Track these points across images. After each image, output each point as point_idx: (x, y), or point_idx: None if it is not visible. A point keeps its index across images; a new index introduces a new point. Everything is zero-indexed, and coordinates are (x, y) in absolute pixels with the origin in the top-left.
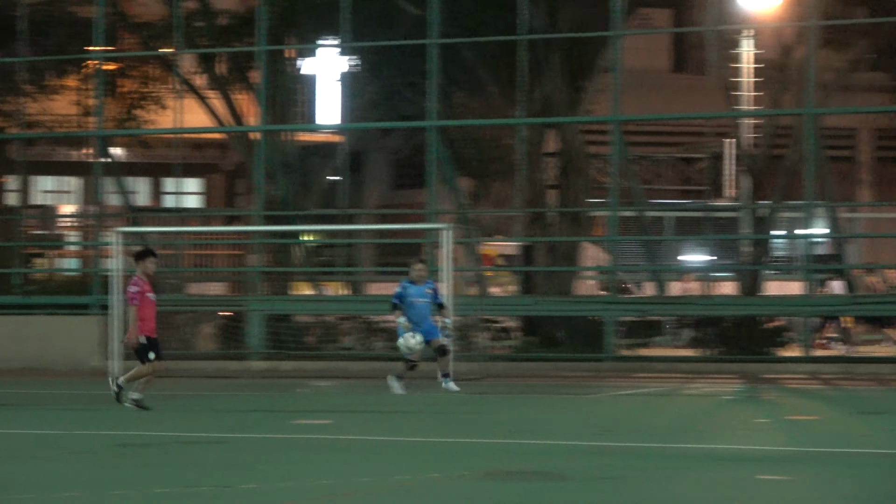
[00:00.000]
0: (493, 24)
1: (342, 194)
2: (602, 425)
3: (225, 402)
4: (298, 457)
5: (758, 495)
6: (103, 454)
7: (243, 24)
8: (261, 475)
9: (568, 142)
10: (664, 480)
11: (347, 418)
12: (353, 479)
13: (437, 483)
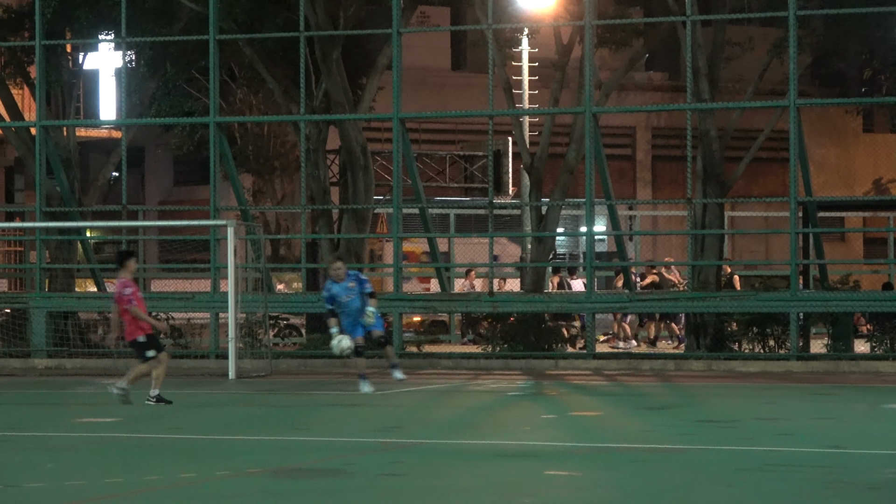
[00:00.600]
0: (272, 20)
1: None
2: (388, 422)
3: (7, 400)
4: (86, 455)
5: (547, 490)
6: None
7: (20, 17)
8: (48, 474)
9: (349, 139)
10: (450, 476)
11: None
12: (141, 476)
13: (225, 481)
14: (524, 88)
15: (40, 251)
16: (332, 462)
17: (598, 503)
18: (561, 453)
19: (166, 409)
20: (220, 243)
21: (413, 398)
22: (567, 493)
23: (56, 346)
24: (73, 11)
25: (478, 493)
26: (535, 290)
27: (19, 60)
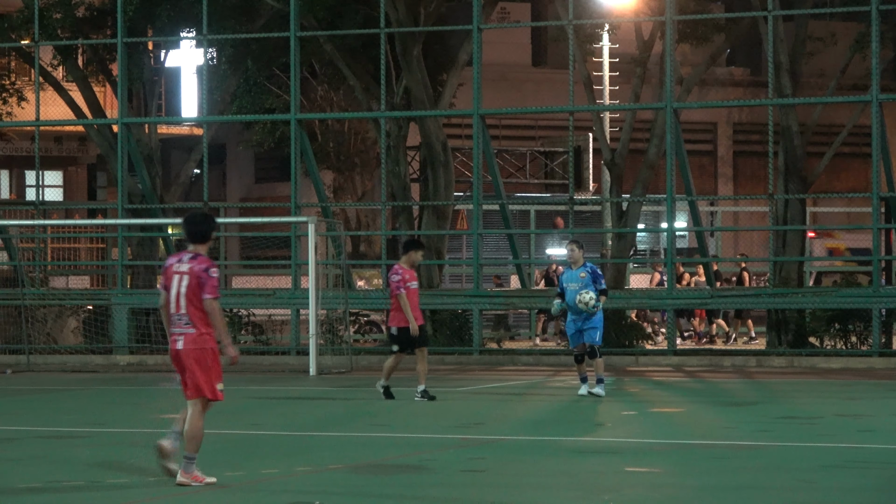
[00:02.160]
0: (352, 17)
1: (205, 187)
2: (468, 418)
3: (90, 396)
4: None
5: (627, 487)
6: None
7: (102, 15)
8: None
9: (430, 135)
10: (531, 472)
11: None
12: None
13: (306, 476)
14: (605, 84)
15: (122, 248)
16: (413, 458)
17: (677, 500)
18: (641, 450)
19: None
20: (300, 240)
21: (493, 394)
22: (647, 490)
23: (138, 343)
24: (154, 9)
25: (558, 489)
26: (616, 287)
27: (101, 58)
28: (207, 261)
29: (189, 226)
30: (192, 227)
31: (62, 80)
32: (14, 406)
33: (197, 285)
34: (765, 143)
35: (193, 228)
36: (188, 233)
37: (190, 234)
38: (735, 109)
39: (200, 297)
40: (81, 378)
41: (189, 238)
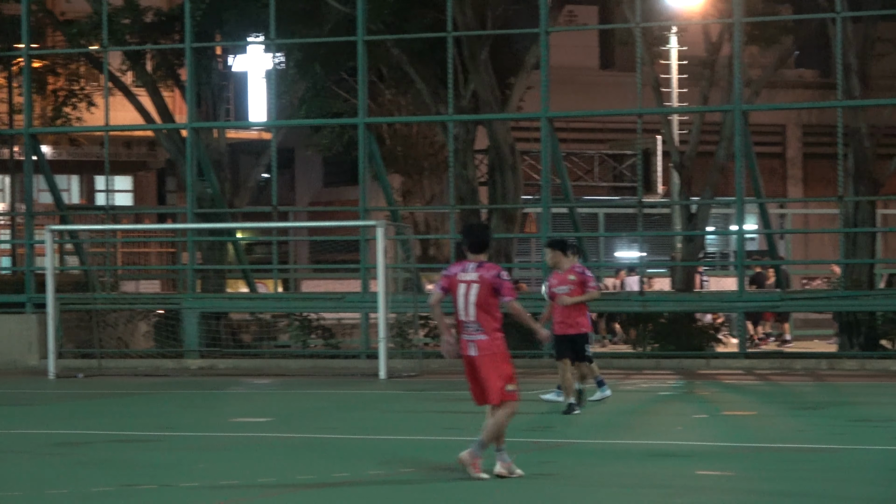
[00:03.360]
0: (419, 20)
1: (273, 191)
2: (539, 422)
3: (161, 400)
4: (239, 455)
5: (698, 490)
6: (40, 453)
7: (170, 21)
8: (202, 473)
9: (498, 138)
10: (602, 476)
11: (286, 416)
12: (294, 476)
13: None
14: (673, 86)
15: (192, 252)
16: (484, 462)
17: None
18: (713, 453)
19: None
20: (369, 244)
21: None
22: (719, 494)
23: (208, 347)
24: (222, 14)
25: (629, 493)
26: (686, 289)
27: (170, 63)
28: (495, 266)
29: (471, 236)
30: (474, 238)
31: (131, 86)
32: (85, 410)
33: (489, 292)
34: (834, 145)
35: (475, 239)
36: (470, 243)
37: (472, 244)
38: (804, 111)
39: (490, 303)
40: (152, 382)
41: (471, 248)
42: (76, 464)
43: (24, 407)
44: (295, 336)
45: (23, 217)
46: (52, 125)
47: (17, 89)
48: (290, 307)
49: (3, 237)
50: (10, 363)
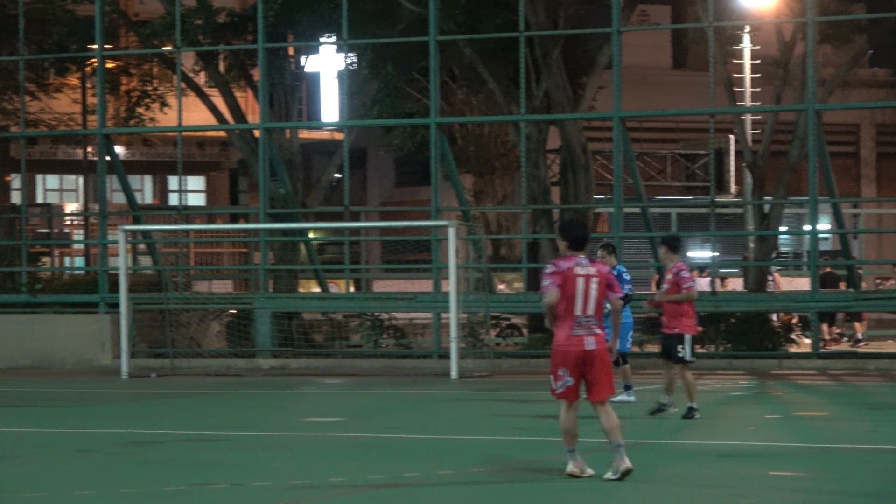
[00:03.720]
0: (491, 20)
1: (345, 191)
2: None
3: (233, 400)
4: (310, 454)
5: (770, 491)
6: (111, 452)
7: (242, 21)
8: (273, 472)
9: (570, 138)
10: (674, 476)
11: (357, 415)
12: (364, 475)
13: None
14: (746, 86)
15: (264, 252)
16: (554, 462)
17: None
18: (785, 453)
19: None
20: (441, 244)
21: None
22: (790, 495)
23: (280, 347)
24: (294, 14)
25: (700, 493)
26: (758, 289)
27: (242, 63)
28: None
29: (573, 233)
30: (578, 234)
31: (204, 86)
32: (157, 409)
33: (605, 287)
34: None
35: (579, 235)
36: (574, 239)
37: (576, 240)
38: (878, 111)
39: (602, 298)
40: (224, 381)
41: (575, 245)
42: (148, 463)
43: (96, 406)
44: (366, 336)
45: (96, 217)
46: (125, 126)
47: (90, 90)
48: (362, 307)
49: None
50: (83, 363)
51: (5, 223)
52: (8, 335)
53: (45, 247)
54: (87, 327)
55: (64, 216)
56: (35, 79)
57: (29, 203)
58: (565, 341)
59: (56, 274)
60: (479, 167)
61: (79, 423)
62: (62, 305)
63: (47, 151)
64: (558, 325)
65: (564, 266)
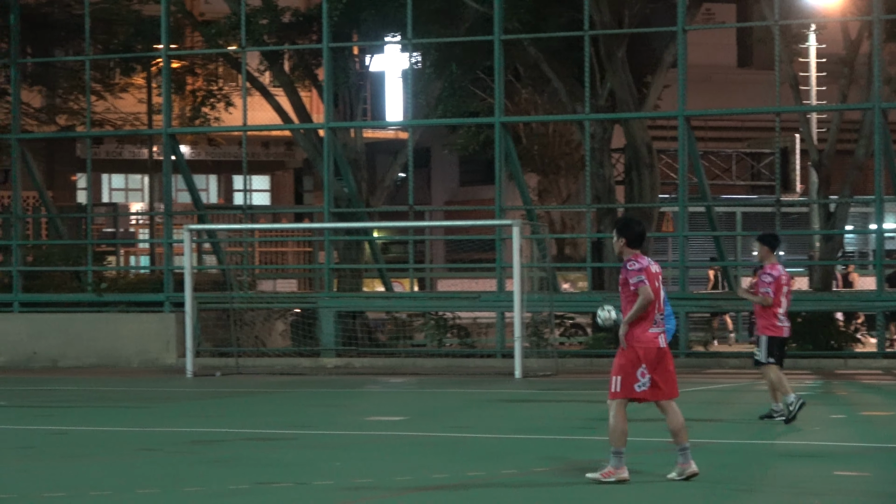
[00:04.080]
0: (556, 19)
1: (410, 190)
2: None
3: (297, 398)
4: (374, 453)
5: (835, 491)
6: (176, 451)
7: (308, 21)
8: (337, 471)
9: (635, 137)
10: (738, 475)
11: (421, 414)
12: (429, 474)
13: (511, 479)
14: (811, 84)
15: (328, 252)
16: None
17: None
18: (850, 453)
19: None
20: (505, 243)
21: (700, 397)
22: (856, 495)
23: (345, 346)
24: (359, 14)
25: (766, 492)
26: (824, 289)
27: (307, 63)
28: None
29: (633, 230)
30: (638, 231)
31: (269, 86)
32: (222, 408)
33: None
34: None
35: (639, 232)
36: (635, 237)
37: (636, 237)
38: None
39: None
40: (288, 380)
41: (635, 242)
42: (212, 462)
43: (161, 405)
44: (430, 335)
45: (161, 217)
46: (190, 125)
47: (156, 90)
48: (426, 306)
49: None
50: (148, 361)
51: (71, 223)
52: (75, 334)
53: (110, 246)
54: (152, 326)
55: (129, 215)
56: (101, 79)
57: (95, 202)
58: (647, 339)
59: (121, 273)
60: (543, 166)
61: (144, 422)
62: (127, 304)
63: (113, 151)
64: (635, 323)
65: (644, 263)
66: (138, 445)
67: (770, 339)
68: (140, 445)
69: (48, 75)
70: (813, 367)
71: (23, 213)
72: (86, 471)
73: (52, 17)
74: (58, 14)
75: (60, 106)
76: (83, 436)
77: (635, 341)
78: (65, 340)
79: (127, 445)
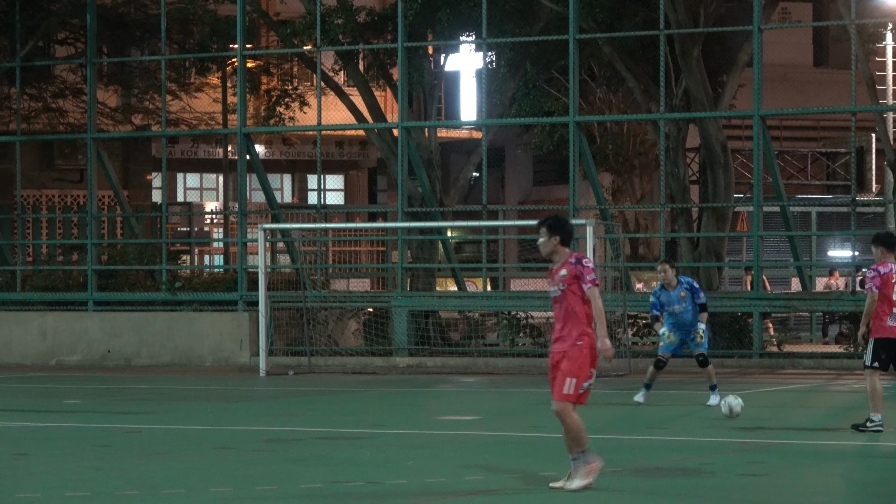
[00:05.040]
0: (630, 18)
1: (483, 190)
2: (748, 422)
3: (370, 398)
4: (446, 452)
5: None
6: (251, 450)
7: (382, 20)
8: (409, 471)
9: (709, 136)
10: (811, 477)
11: (493, 414)
12: (501, 474)
13: None
14: (888, 84)
15: (402, 251)
16: (692, 462)
17: None
18: None
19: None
20: (579, 242)
21: (774, 398)
22: None
23: (417, 345)
24: (434, 13)
25: (840, 494)
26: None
27: (382, 63)
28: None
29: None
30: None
31: (343, 85)
32: (296, 407)
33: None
34: None
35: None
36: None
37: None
38: None
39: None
40: (361, 380)
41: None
42: (285, 461)
43: (235, 404)
44: (503, 334)
45: (236, 216)
46: (265, 125)
47: (231, 89)
48: (499, 306)
49: (216, 236)
50: (221, 360)
51: (146, 222)
52: (149, 333)
53: (184, 245)
54: (226, 325)
55: (204, 215)
56: (176, 78)
57: (169, 201)
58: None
59: (195, 272)
60: (617, 166)
61: (218, 421)
62: (201, 304)
63: (188, 150)
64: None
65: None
66: (213, 444)
67: (877, 340)
68: (215, 444)
69: (124, 75)
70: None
71: (98, 212)
72: (160, 469)
73: (127, 17)
74: (134, 14)
75: (136, 105)
76: (158, 434)
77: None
78: (139, 339)
79: (202, 444)
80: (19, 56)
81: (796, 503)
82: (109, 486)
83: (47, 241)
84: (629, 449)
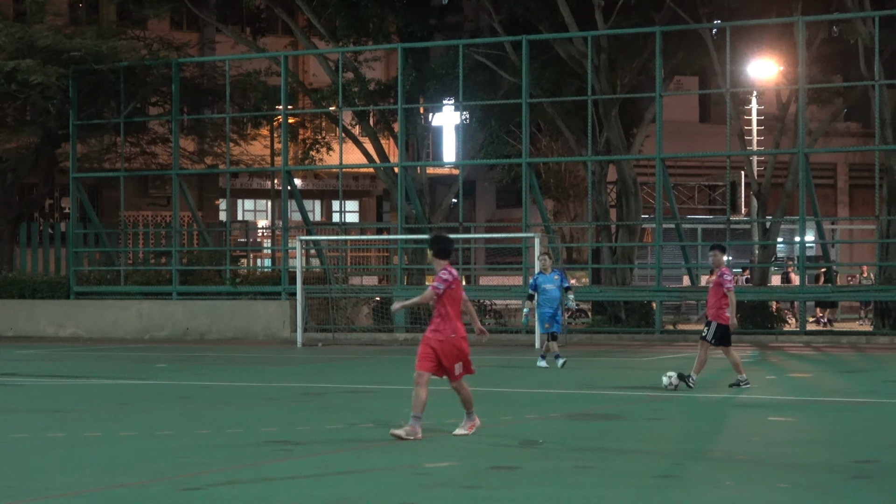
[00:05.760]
0: (567, 87)
1: (460, 212)
2: (653, 381)
3: (379, 363)
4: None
5: (770, 431)
6: (290, 400)
7: (387, 89)
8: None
9: (624, 173)
10: (698, 421)
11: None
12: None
13: (533, 422)
14: (753, 135)
15: (401, 256)
16: (611, 409)
17: (810, 441)
18: (780, 405)
19: (490, 371)
20: (529, 249)
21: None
22: (785, 434)
23: (412, 325)
24: (424, 84)
25: (718, 434)
26: (761, 284)
27: (386, 119)
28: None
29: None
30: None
31: (358, 135)
32: (324, 369)
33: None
34: (873, 178)
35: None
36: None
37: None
38: (851, 153)
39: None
40: (372, 350)
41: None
42: (316, 408)
43: (279, 367)
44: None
45: (280, 230)
46: (301, 164)
47: (277, 138)
48: (471, 296)
49: (266, 245)
50: (269, 336)
51: (215, 235)
52: (217, 315)
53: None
54: (273, 310)
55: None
56: (237, 130)
57: (232, 220)
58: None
59: (251, 271)
60: (557, 194)
61: (267, 379)
62: (255, 294)
63: (245, 183)
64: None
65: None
66: (263, 396)
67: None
68: (264, 396)
69: (199, 128)
70: (752, 341)
71: (180, 227)
72: (225, 414)
73: (202, 86)
74: (207, 84)
75: (208, 150)
76: (223, 389)
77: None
78: (210, 320)
79: (255, 396)
80: (123, 114)
81: (687, 439)
82: (189, 427)
83: (143, 249)
84: (565, 400)
